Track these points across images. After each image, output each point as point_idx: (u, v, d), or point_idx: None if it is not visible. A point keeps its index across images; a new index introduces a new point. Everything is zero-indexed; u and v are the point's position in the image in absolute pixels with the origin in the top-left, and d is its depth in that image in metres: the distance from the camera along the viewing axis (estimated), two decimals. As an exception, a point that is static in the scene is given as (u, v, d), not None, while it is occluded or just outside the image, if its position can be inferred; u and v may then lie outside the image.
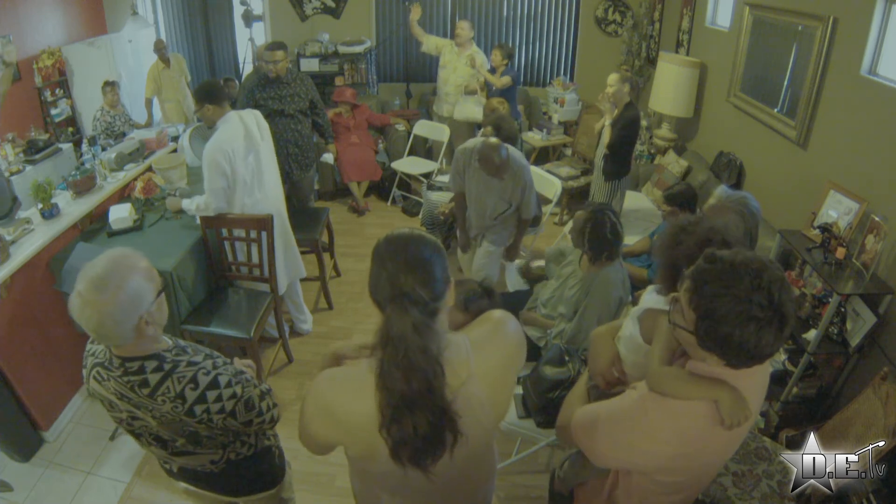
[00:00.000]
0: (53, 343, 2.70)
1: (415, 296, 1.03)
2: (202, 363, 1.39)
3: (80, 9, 5.34)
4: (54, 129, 4.79)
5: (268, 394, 1.51)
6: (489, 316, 1.22)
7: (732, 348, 1.03)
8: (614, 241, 2.32)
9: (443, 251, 1.12)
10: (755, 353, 1.03)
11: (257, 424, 1.48)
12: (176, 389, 1.33)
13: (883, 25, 2.40)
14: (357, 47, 5.54)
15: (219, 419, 1.38)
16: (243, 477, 1.62)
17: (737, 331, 1.00)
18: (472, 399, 1.10)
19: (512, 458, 2.50)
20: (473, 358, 1.11)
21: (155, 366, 1.34)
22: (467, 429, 1.08)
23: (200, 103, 2.68)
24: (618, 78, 3.40)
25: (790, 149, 3.03)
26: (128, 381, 1.33)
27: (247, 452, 1.58)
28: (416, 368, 1.01)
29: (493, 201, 3.06)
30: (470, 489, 1.31)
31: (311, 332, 3.48)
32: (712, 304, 1.02)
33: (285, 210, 3.09)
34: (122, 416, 1.42)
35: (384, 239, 1.10)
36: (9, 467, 2.54)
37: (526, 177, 3.00)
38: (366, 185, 5.11)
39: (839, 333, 2.31)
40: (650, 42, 5.14)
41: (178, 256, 2.68)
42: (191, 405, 1.34)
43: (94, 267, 1.26)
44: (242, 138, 2.71)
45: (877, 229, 2.19)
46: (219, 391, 1.37)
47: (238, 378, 1.43)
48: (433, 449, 1.06)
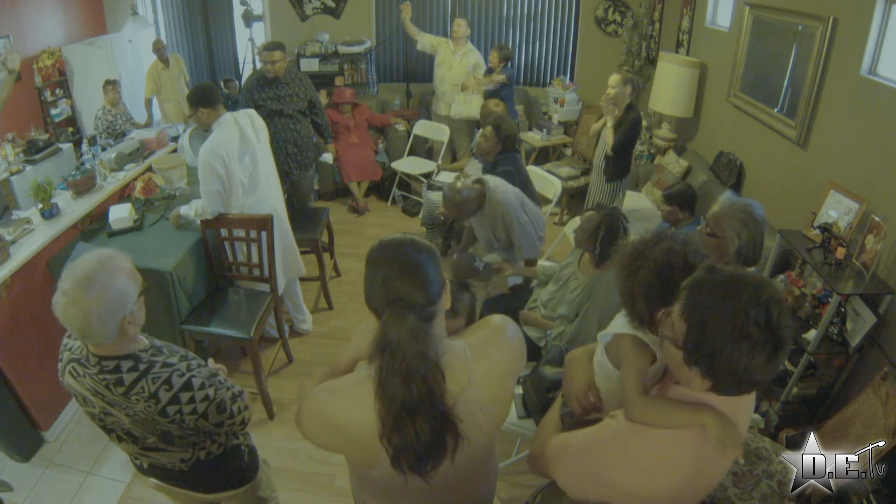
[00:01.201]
0: (53, 343, 2.67)
1: (410, 300, 1.03)
2: (177, 365, 1.41)
3: (80, 9, 5.34)
4: (54, 129, 4.79)
5: (239, 396, 1.53)
6: (487, 321, 1.21)
7: (721, 366, 0.96)
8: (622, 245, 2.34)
9: (436, 253, 1.11)
10: (744, 377, 0.96)
11: (228, 426, 1.50)
12: (150, 389, 1.35)
13: (883, 25, 2.40)
14: (357, 47, 5.54)
15: (191, 420, 1.40)
16: (212, 475, 1.64)
17: (728, 346, 0.94)
18: (473, 404, 1.09)
19: (512, 458, 2.50)
20: (473, 363, 1.10)
21: (130, 366, 1.36)
22: (468, 433, 1.07)
23: (194, 107, 2.67)
24: (619, 79, 3.39)
25: (790, 149, 3.03)
26: (103, 379, 1.35)
27: (216, 451, 1.60)
28: (415, 374, 1.00)
29: (485, 234, 3.01)
30: (470, 492, 1.31)
31: (311, 332, 3.48)
32: (705, 315, 0.96)
33: (284, 210, 3.09)
34: (95, 412, 1.44)
35: (377, 245, 1.10)
36: (9, 467, 2.54)
37: (510, 215, 2.77)
38: (366, 185, 5.11)
39: (839, 333, 2.31)
40: (650, 42, 5.14)
41: (178, 256, 2.68)
42: (164, 405, 1.36)
43: (80, 266, 1.27)
44: (237, 140, 2.70)
45: (877, 229, 2.19)
46: (192, 393, 1.39)
47: (212, 380, 1.44)
48: (434, 455, 1.05)
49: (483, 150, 3.62)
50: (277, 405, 2.90)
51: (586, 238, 2.37)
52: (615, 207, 2.53)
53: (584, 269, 2.48)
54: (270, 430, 2.78)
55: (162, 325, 2.63)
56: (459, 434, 1.05)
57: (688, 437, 1.04)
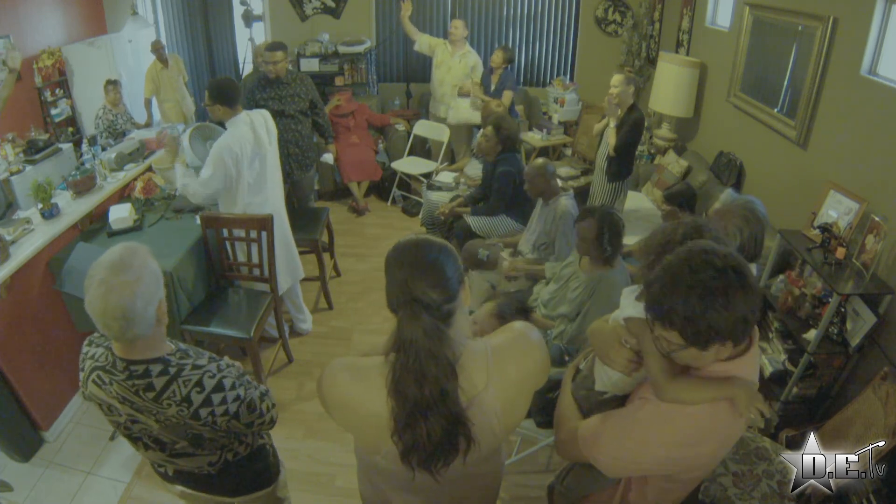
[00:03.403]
0: (53, 343, 2.70)
1: (426, 300, 1.03)
2: (207, 366, 1.39)
3: (80, 9, 5.34)
4: (54, 129, 4.79)
5: (266, 395, 1.53)
6: (511, 326, 1.22)
7: (727, 327, 1.03)
8: (620, 244, 2.39)
9: (451, 251, 1.11)
10: (748, 318, 1.04)
11: (258, 425, 1.49)
12: (182, 393, 1.33)
13: (883, 25, 2.40)
14: (357, 47, 5.54)
15: (223, 421, 1.39)
16: (240, 477, 1.63)
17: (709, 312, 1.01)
18: (487, 407, 1.10)
19: (512, 457, 2.50)
20: (493, 366, 1.10)
21: (160, 369, 1.33)
22: (480, 436, 1.07)
23: (212, 100, 2.67)
24: (622, 79, 3.38)
25: (790, 149, 3.03)
26: (132, 384, 1.32)
27: (244, 452, 1.59)
28: (427, 374, 1.01)
29: (539, 226, 3.18)
30: (477, 490, 1.32)
31: (311, 331, 3.48)
32: (674, 306, 1.04)
33: (285, 213, 3.09)
34: (121, 420, 1.41)
35: (392, 248, 1.10)
36: (9, 467, 2.54)
37: (566, 224, 3.00)
38: (366, 185, 5.11)
39: (839, 333, 2.31)
40: (650, 42, 5.14)
41: (178, 256, 2.69)
42: (196, 408, 1.34)
43: (108, 257, 1.25)
44: (252, 142, 2.72)
45: (877, 229, 2.19)
46: (224, 394, 1.37)
47: (241, 380, 1.43)
48: (445, 455, 1.06)
49: (483, 150, 3.63)
50: (278, 405, 2.89)
51: (590, 246, 2.37)
52: (604, 206, 2.54)
53: (584, 268, 2.49)
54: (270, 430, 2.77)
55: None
56: (472, 437, 1.06)
57: (718, 409, 1.12)
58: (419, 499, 1.25)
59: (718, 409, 1.12)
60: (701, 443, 1.16)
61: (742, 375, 1.12)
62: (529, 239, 3.22)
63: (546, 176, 3.06)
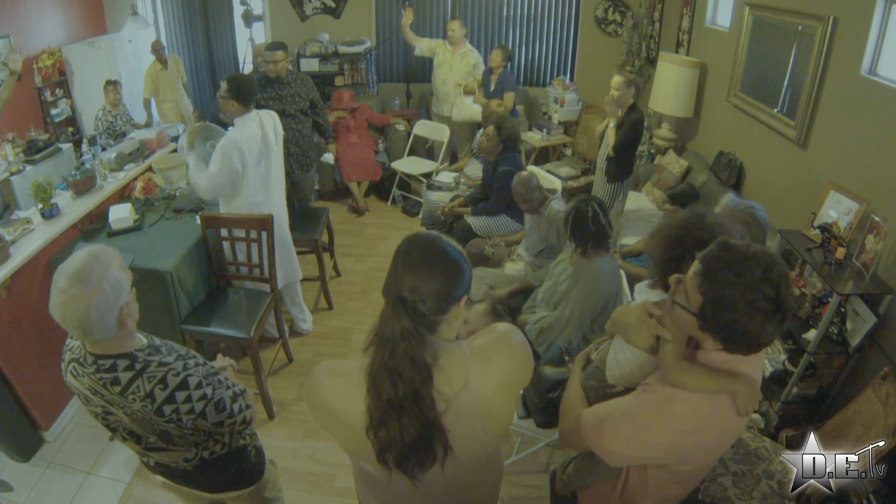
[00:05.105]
0: (53, 343, 2.70)
1: (415, 306, 1.00)
2: (172, 364, 1.40)
3: (80, 9, 5.34)
4: (54, 129, 4.79)
5: (241, 395, 1.52)
6: (494, 327, 1.19)
7: (736, 335, 1.07)
8: (598, 231, 2.37)
9: (463, 266, 1.05)
10: (754, 342, 1.09)
11: (229, 425, 1.49)
12: (146, 389, 1.35)
13: (883, 25, 2.40)
14: (357, 47, 5.54)
15: (188, 419, 1.40)
16: (217, 475, 1.64)
17: (743, 318, 1.05)
18: (467, 410, 1.07)
19: (512, 457, 2.50)
20: (472, 366, 1.08)
21: (126, 364, 1.35)
22: (461, 442, 1.06)
23: (229, 94, 2.70)
24: (622, 81, 3.38)
25: (790, 149, 3.03)
26: (100, 378, 1.35)
27: (220, 451, 1.60)
28: (402, 373, 0.99)
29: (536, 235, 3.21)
30: (466, 498, 1.29)
31: (311, 331, 3.48)
32: (723, 291, 1.05)
33: (286, 215, 3.10)
34: (98, 411, 1.45)
35: (409, 237, 1.07)
36: (9, 467, 2.54)
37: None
38: (366, 185, 5.11)
39: (839, 333, 2.31)
40: (650, 42, 5.14)
41: (178, 256, 2.69)
42: (160, 405, 1.36)
43: (71, 263, 1.28)
44: (259, 141, 2.74)
45: (877, 229, 2.19)
46: (188, 392, 1.38)
47: (210, 380, 1.44)
48: (420, 457, 1.04)
49: (484, 150, 3.63)
50: (277, 405, 2.90)
51: (562, 228, 2.48)
52: (591, 196, 2.57)
53: (572, 261, 2.51)
54: (271, 430, 2.78)
55: (162, 325, 2.63)
56: (449, 445, 1.04)
57: (719, 401, 1.16)
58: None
59: (719, 400, 1.15)
60: (699, 431, 1.18)
61: (748, 372, 1.15)
62: (529, 248, 3.23)
63: (539, 187, 3.10)
